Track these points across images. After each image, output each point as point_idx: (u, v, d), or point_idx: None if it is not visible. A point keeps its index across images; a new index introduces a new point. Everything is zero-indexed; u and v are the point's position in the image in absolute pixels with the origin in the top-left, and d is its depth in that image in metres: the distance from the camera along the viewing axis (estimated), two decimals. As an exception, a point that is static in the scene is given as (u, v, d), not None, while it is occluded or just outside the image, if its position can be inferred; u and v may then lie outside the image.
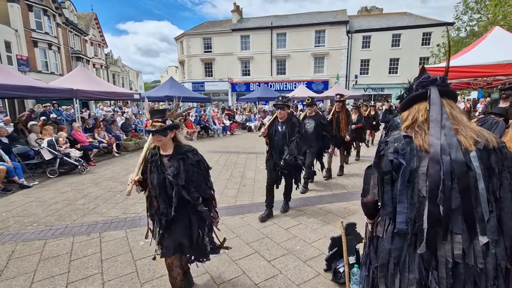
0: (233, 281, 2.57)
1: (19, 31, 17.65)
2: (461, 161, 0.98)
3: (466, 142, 1.01)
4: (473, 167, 0.98)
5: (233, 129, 15.37)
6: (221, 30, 28.05)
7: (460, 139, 1.02)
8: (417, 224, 1.05)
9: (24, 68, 16.98)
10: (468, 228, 0.98)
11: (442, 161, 0.99)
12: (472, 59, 4.82)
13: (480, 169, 0.98)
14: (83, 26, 27.16)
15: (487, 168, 0.99)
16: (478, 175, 0.98)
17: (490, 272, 0.97)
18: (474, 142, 1.02)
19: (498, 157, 1.00)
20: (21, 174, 5.79)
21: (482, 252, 0.97)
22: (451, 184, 0.98)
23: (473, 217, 0.98)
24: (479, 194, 0.97)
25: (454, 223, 0.99)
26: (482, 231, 0.97)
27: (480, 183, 0.97)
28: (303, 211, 4.16)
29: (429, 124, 1.09)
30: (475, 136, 1.03)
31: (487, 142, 1.01)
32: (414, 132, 1.12)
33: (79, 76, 9.52)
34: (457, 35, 17.30)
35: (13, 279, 2.65)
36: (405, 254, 1.09)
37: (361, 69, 26.22)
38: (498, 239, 0.97)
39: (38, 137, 6.91)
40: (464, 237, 0.98)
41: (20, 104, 14.72)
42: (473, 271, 0.98)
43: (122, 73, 37.50)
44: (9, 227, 3.82)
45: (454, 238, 0.99)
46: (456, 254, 0.98)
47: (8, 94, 6.48)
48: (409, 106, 1.23)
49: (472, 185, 0.98)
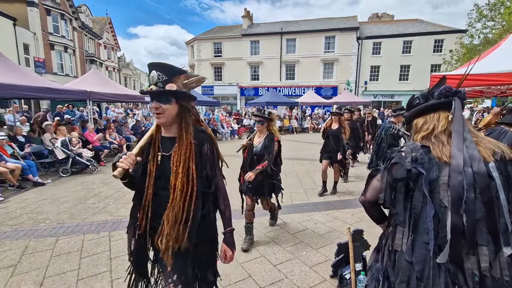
0: (238, 283, 2.59)
1: (37, 34, 18.32)
2: (484, 172, 0.98)
3: (485, 153, 1.02)
4: (494, 177, 0.99)
5: (241, 133, 15.45)
6: (231, 35, 28.39)
7: (480, 150, 1.03)
8: (440, 235, 1.03)
9: (41, 70, 17.56)
10: (493, 239, 0.97)
11: (465, 173, 0.98)
12: (485, 67, 4.75)
13: (500, 179, 0.98)
14: (98, 30, 27.96)
15: (506, 179, 1.00)
16: (499, 185, 0.98)
17: None
18: (492, 153, 1.03)
19: (510, 162, 1.01)
20: (35, 173, 5.96)
21: (508, 263, 0.96)
22: (474, 195, 0.98)
23: (497, 228, 0.97)
24: (501, 205, 0.97)
25: (479, 234, 0.98)
26: (505, 242, 0.96)
27: (501, 194, 0.98)
28: (310, 217, 4.14)
29: (447, 135, 1.09)
30: (494, 148, 1.04)
31: (503, 153, 1.02)
32: (431, 143, 1.10)
33: (93, 79, 9.78)
34: (471, 42, 17.03)
35: (26, 274, 2.73)
36: (429, 268, 1.04)
37: (371, 76, 26.04)
38: None
39: (53, 136, 7.12)
40: (490, 249, 0.97)
41: (36, 104, 15.20)
42: (500, 284, 0.96)
43: (133, 76, 38.31)
44: (23, 223, 3.94)
45: (480, 250, 0.98)
46: (484, 267, 0.97)
47: (26, 95, 6.72)
48: (425, 113, 1.20)
49: (494, 195, 0.98)
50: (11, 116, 9.20)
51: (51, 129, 7.34)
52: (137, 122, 12.23)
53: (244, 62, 28.20)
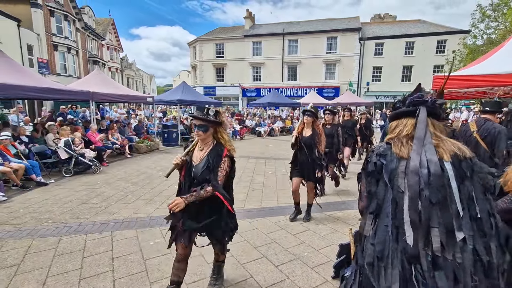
0: (240, 284, 2.59)
1: (41, 35, 18.45)
2: (439, 172, 1.12)
3: (444, 153, 1.17)
4: (446, 169, 1.13)
5: (243, 134, 15.46)
6: (233, 36, 28.46)
7: (439, 150, 1.18)
8: (398, 217, 1.15)
9: (44, 71, 17.67)
10: (445, 223, 1.08)
11: (421, 174, 1.13)
12: (489, 68, 4.73)
13: (453, 173, 1.12)
14: (101, 31, 28.13)
15: (459, 172, 1.13)
16: (451, 176, 1.12)
17: (468, 267, 1.03)
18: (452, 153, 1.17)
19: (468, 164, 1.14)
20: (39, 172, 6.00)
21: (460, 247, 1.05)
22: (428, 192, 1.11)
23: (449, 212, 1.09)
24: (452, 192, 1.10)
25: (432, 219, 1.09)
26: (458, 227, 1.07)
27: (453, 183, 1.11)
28: (312, 217, 4.14)
29: (408, 138, 1.26)
30: (455, 149, 1.18)
31: (460, 152, 1.16)
32: (393, 142, 1.29)
33: (96, 79, 9.85)
34: (474, 43, 16.95)
35: (29, 273, 2.75)
36: (388, 249, 1.15)
37: (373, 76, 25.98)
38: (474, 235, 1.06)
39: (56, 137, 7.16)
40: (441, 231, 1.07)
41: (39, 105, 15.29)
42: (452, 265, 1.05)
43: (136, 76, 38.47)
44: (26, 223, 3.97)
45: (432, 231, 1.08)
46: (435, 248, 1.06)
47: (30, 95, 6.78)
48: (398, 118, 1.37)
49: (446, 186, 1.11)
50: (15, 116, 9.28)
51: (54, 130, 7.39)
52: (139, 123, 12.28)
53: (246, 63, 28.24)
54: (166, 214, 2.12)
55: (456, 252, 1.05)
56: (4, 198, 4.92)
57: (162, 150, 10.78)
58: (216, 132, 2.15)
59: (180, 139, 12.19)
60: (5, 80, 5.77)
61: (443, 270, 1.05)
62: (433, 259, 1.06)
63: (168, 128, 11.89)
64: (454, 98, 8.34)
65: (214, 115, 2.09)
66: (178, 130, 12.26)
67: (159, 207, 4.56)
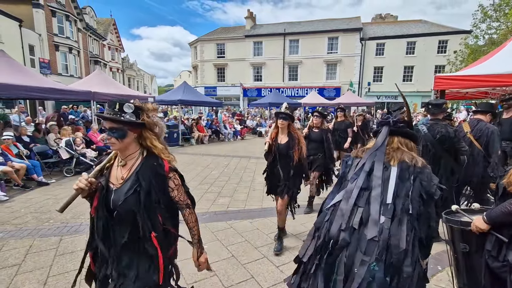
0: (241, 284, 2.59)
1: (43, 35, 18.51)
2: (379, 175, 1.39)
3: (392, 159, 1.43)
4: (390, 170, 1.39)
5: (243, 134, 15.47)
6: (234, 36, 28.47)
7: (389, 157, 1.44)
8: None
9: (46, 71, 17.72)
10: (368, 202, 1.34)
11: (364, 169, 1.45)
12: (490, 68, 4.71)
13: (395, 172, 1.37)
14: (102, 31, 28.20)
15: (402, 174, 1.36)
16: (392, 175, 1.36)
17: (382, 245, 1.22)
18: (399, 160, 1.41)
19: (415, 170, 1.36)
20: (40, 172, 6.02)
21: (382, 228, 1.25)
22: (368, 191, 1.39)
23: (378, 199, 1.33)
24: (388, 185, 1.34)
25: (361, 200, 1.37)
26: (383, 212, 1.29)
27: (391, 180, 1.35)
28: (312, 218, 4.12)
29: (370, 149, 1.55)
30: (406, 159, 1.41)
31: (410, 161, 1.39)
32: (359, 151, 1.63)
33: (97, 79, 9.86)
34: (475, 43, 16.90)
35: (30, 273, 2.75)
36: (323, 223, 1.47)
37: (374, 77, 25.94)
38: (394, 221, 1.27)
39: (57, 137, 7.18)
40: (365, 210, 1.32)
41: (41, 105, 15.33)
42: (368, 241, 1.25)
43: (137, 76, 38.55)
44: (27, 222, 3.98)
45: (358, 209, 1.35)
46: (355, 221, 1.31)
47: (31, 95, 6.80)
48: (374, 136, 1.67)
49: (385, 179, 1.37)
50: (16, 116, 9.30)
51: (55, 129, 7.41)
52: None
53: (247, 63, 28.25)
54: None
55: (372, 229, 1.26)
56: (6, 198, 4.93)
57: (163, 150, 10.76)
58: (142, 138, 1.41)
59: (181, 139, 12.21)
60: (7, 80, 5.79)
61: (356, 242, 1.27)
62: (352, 232, 1.30)
63: (169, 128, 11.90)
64: (455, 99, 8.32)
65: (134, 112, 1.35)
66: (179, 130, 12.28)
67: (160, 207, 4.55)
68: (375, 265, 1.20)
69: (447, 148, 3.12)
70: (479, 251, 1.73)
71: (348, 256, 1.26)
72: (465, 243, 1.81)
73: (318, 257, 1.38)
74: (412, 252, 1.22)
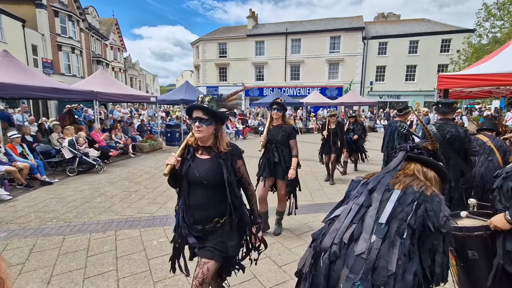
0: (243, 284, 2.58)
1: (46, 35, 18.58)
2: (378, 197, 1.37)
3: (398, 183, 1.38)
4: (392, 193, 1.34)
5: (245, 133, 15.47)
6: (236, 35, 28.46)
7: (395, 181, 1.40)
8: None
9: (49, 71, 17.79)
10: (362, 219, 1.31)
11: (368, 187, 1.44)
12: (494, 67, 4.68)
13: (396, 195, 1.32)
14: (104, 31, 28.27)
15: (404, 198, 1.30)
16: (392, 198, 1.32)
17: (369, 264, 1.18)
18: (405, 185, 1.36)
19: (421, 197, 1.28)
20: (43, 172, 6.05)
21: (371, 247, 1.20)
22: (365, 209, 1.36)
23: (372, 218, 1.30)
24: (385, 206, 1.30)
25: (356, 216, 1.35)
26: (376, 231, 1.25)
27: (391, 203, 1.30)
28: (315, 218, 4.12)
29: None
30: (414, 184, 1.35)
31: (417, 188, 1.32)
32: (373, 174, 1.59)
33: (99, 79, 9.90)
34: (479, 41, 16.78)
35: (34, 272, 2.76)
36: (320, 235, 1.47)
37: (377, 76, 25.84)
38: (385, 242, 1.21)
39: (60, 136, 7.21)
40: (358, 226, 1.30)
41: (44, 104, 15.42)
42: (355, 257, 1.22)
43: (139, 76, 38.64)
44: (30, 222, 4.00)
45: (351, 225, 1.33)
46: (345, 236, 1.28)
47: (34, 95, 6.83)
48: None
49: (385, 199, 1.33)
50: (20, 116, 9.36)
51: (58, 129, 7.44)
52: (142, 122, 12.33)
53: (249, 62, 28.23)
54: (170, 213, 2.11)
55: (373, 249, 1.21)
56: (9, 197, 4.96)
57: (165, 150, 10.82)
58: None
59: (183, 138, 12.22)
60: (11, 80, 5.82)
61: (344, 257, 1.25)
62: (340, 247, 1.28)
63: (171, 127, 11.95)
64: (459, 98, 8.26)
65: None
66: (181, 129, 12.31)
67: (163, 206, 4.57)
68: (359, 285, 1.16)
69: (457, 149, 3.06)
70: (490, 256, 1.69)
71: (335, 270, 1.25)
72: (472, 250, 1.73)
73: (311, 268, 1.38)
74: (402, 277, 1.15)
